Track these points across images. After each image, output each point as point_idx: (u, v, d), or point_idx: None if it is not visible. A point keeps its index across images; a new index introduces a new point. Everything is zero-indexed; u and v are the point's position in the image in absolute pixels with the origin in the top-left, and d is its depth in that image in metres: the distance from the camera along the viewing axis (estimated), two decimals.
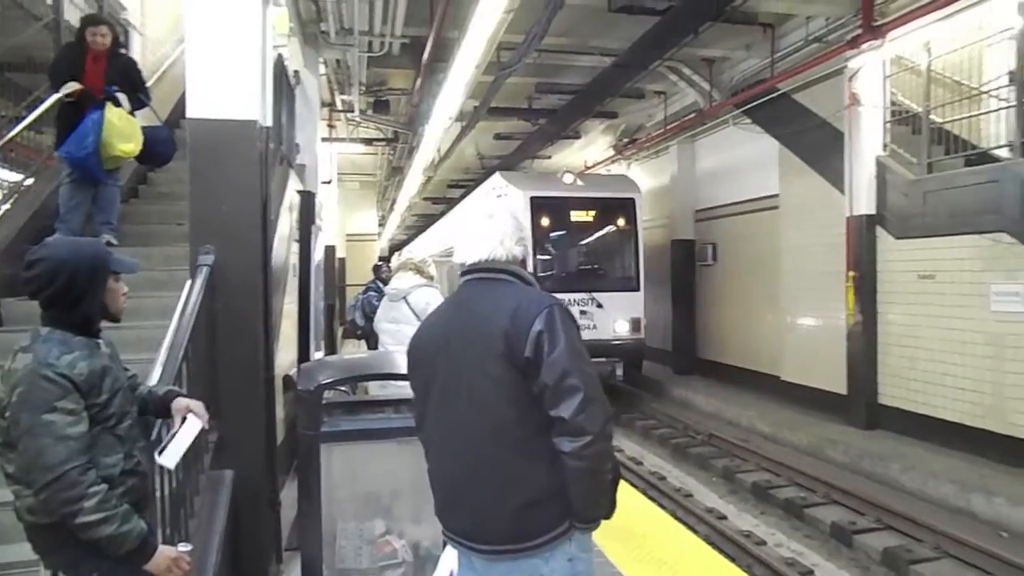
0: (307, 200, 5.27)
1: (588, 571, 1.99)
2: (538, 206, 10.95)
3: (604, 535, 4.06)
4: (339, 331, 13.72)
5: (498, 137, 15.03)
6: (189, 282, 3.55)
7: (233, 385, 3.69)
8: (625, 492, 5.08)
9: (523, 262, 2.15)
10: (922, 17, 7.31)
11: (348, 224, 20.51)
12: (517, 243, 2.13)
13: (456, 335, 2.04)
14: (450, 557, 2.11)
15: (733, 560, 5.21)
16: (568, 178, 11.63)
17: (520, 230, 2.15)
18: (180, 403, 2.34)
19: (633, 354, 11.48)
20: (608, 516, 2.02)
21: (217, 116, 3.72)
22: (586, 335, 10.98)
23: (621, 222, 11.68)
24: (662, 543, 4.13)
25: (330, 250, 12.51)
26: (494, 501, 1.95)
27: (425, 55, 9.01)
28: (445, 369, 2.04)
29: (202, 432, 2.46)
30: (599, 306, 10.97)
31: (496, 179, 11.86)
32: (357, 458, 3.48)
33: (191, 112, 3.70)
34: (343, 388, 4.80)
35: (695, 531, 5.74)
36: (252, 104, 3.83)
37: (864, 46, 7.95)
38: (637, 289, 11.46)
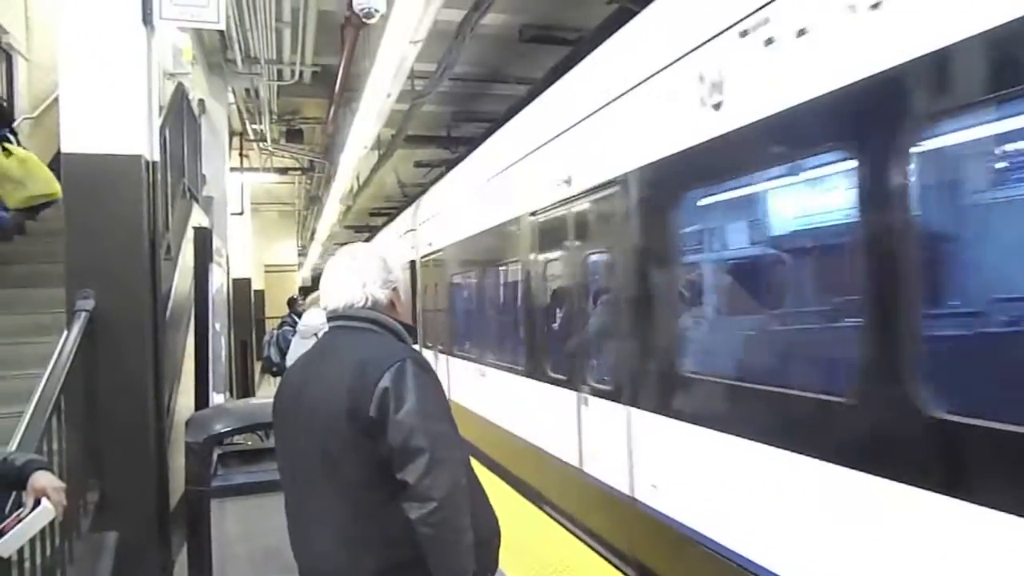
0: (203, 237, 5.01)
1: None
2: None
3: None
4: (257, 368, 13.19)
5: (418, 165, 14.92)
6: (65, 331, 3.28)
7: (117, 439, 3.43)
8: (550, 530, 4.91)
9: (392, 307, 2.00)
10: None
11: (266, 255, 19.90)
12: (382, 286, 1.96)
13: (309, 390, 1.89)
14: None
15: None
16: None
17: (387, 272, 1.99)
18: (37, 482, 2.05)
19: None
20: None
21: (97, 151, 3.49)
22: None
23: None
24: None
25: (245, 283, 12.03)
26: (349, 568, 1.81)
27: (337, 84, 8.85)
28: (299, 426, 1.89)
29: (68, 510, 2.21)
30: None
31: None
32: (253, 512, 3.26)
33: (67, 146, 3.47)
34: (259, 433, 4.55)
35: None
36: (137, 138, 3.62)
37: None
38: None
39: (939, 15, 2.03)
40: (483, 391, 6.70)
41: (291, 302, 10.25)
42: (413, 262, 9.84)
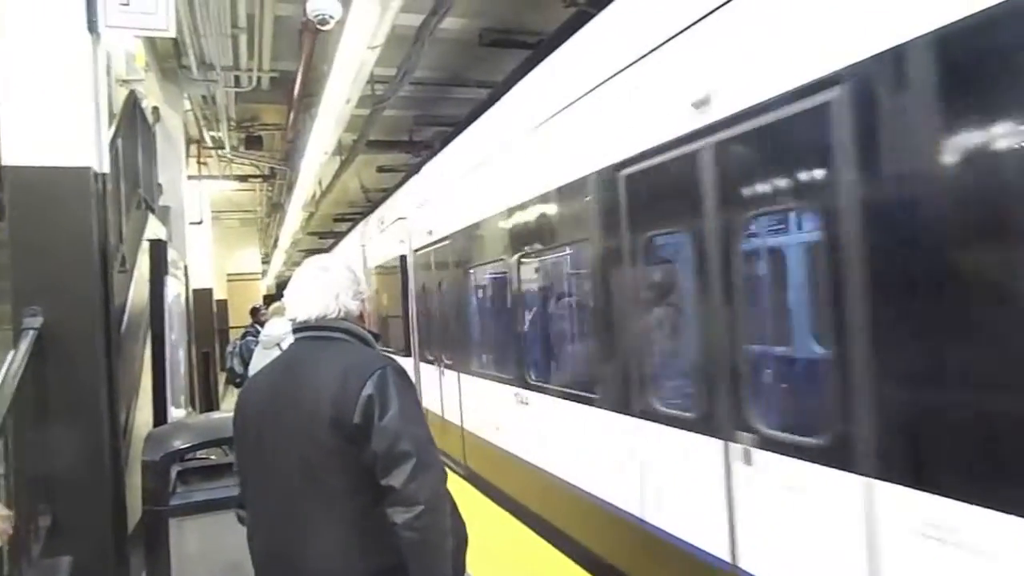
0: (157, 249, 4.90)
1: None
2: None
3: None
4: (222, 379, 12.93)
5: (381, 170, 14.82)
6: (12, 350, 3.17)
7: (70, 460, 3.32)
8: (502, 521, 4.84)
9: (360, 317, 2.04)
10: None
11: (228, 264, 19.55)
12: (353, 297, 2.01)
13: (283, 400, 1.89)
14: None
15: None
16: None
17: (356, 283, 2.03)
18: None
19: None
20: None
21: (42, 163, 3.38)
22: None
23: None
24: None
25: (206, 293, 11.79)
26: None
27: (296, 90, 8.74)
28: (271, 437, 1.88)
29: (16, 536, 2.14)
30: None
31: None
32: (215, 529, 3.18)
33: (8, 159, 3.35)
34: (224, 447, 4.45)
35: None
36: (85, 149, 3.52)
37: None
38: None
39: None
40: (524, 425, 4.81)
41: (254, 311, 10.06)
42: (403, 258, 8.16)
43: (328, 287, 1.97)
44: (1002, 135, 1.76)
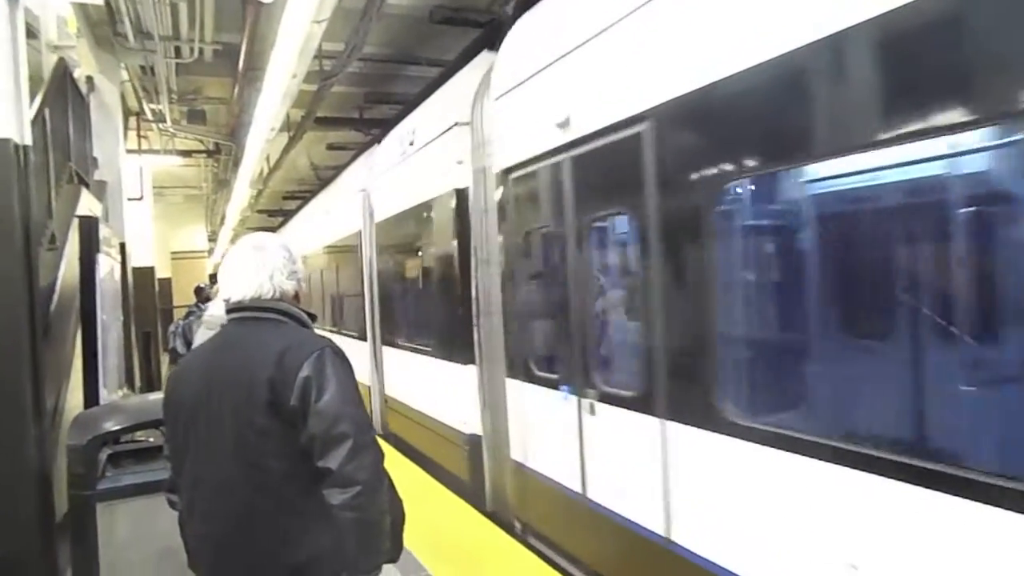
0: (88, 226, 4.72)
1: None
2: None
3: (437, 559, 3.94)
4: (164, 360, 12.59)
5: (331, 147, 14.54)
6: None
7: None
8: (462, 512, 4.92)
9: (296, 297, 2.01)
10: None
11: (173, 242, 19.01)
12: (289, 277, 1.98)
13: (218, 382, 1.86)
14: None
15: None
16: None
17: (292, 263, 2.00)
18: None
19: None
20: (392, 559, 1.93)
21: None
22: None
23: None
24: (499, 565, 4.04)
25: (147, 272, 11.43)
26: (265, 563, 1.81)
27: (240, 63, 8.47)
28: (206, 420, 1.85)
29: None
30: None
31: None
32: (148, 514, 3.11)
33: None
34: (162, 429, 4.32)
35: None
36: (4, 120, 3.33)
37: None
38: None
39: None
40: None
41: (198, 291, 9.83)
42: (459, 193, 5.13)
43: (262, 266, 1.94)
44: None
